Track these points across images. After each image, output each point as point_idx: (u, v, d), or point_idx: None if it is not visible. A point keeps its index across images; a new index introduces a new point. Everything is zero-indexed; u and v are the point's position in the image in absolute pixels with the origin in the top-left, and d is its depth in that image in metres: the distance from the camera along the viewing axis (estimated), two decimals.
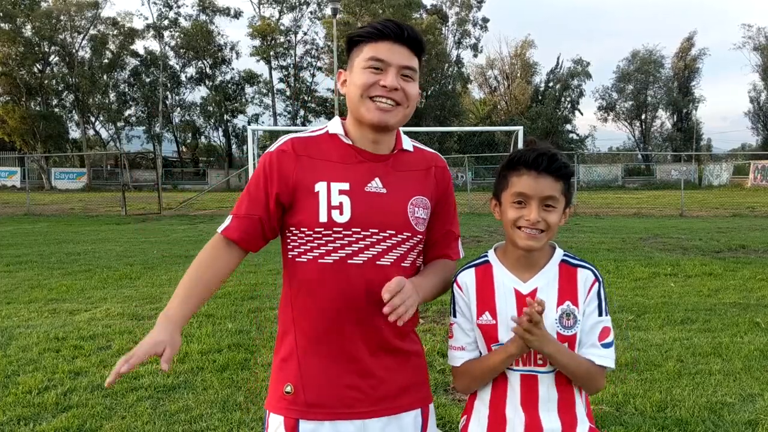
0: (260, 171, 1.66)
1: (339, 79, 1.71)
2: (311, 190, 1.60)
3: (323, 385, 1.63)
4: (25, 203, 23.29)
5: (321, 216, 1.59)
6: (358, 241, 1.61)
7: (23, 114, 47.72)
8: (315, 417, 1.62)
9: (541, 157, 1.62)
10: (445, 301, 7.20)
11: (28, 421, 3.74)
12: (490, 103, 60.46)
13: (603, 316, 1.67)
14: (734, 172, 44.87)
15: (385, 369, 1.67)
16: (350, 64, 1.67)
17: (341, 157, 1.65)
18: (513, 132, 24.06)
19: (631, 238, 12.77)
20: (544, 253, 1.71)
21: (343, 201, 1.60)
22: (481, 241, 12.87)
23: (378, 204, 1.63)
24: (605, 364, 1.65)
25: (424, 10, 53.07)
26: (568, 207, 1.69)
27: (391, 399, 1.67)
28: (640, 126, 62.63)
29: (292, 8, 54.50)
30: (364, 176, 1.64)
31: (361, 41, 1.64)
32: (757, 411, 3.78)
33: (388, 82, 1.59)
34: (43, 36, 49.01)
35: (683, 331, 5.52)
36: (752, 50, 57.64)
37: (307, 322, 1.64)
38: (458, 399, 4.03)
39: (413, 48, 1.64)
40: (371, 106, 1.60)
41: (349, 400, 1.63)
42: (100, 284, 8.06)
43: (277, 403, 1.66)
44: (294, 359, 1.65)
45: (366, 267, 1.61)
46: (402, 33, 1.61)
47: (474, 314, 1.72)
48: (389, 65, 1.60)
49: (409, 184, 1.70)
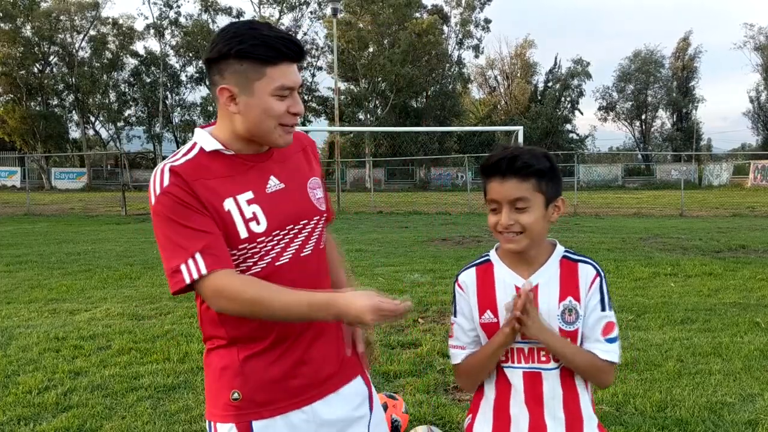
0: (173, 204, 1.52)
1: (222, 95, 1.57)
2: (221, 210, 1.55)
3: (270, 385, 1.63)
4: (25, 203, 23.31)
5: (241, 233, 1.57)
6: (280, 242, 1.62)
7: (23, 114, 47.77)
8: (267, 415, 1.62)
9: (501, 161, 1.61)
10: (445, 301, 7.22)
11: (28, 421, 3.74)
12: (489, 103, 60.48)
13: (606, 311, 1.66)
14: (734, 172, 44.88)
15: (324, 351, 1.70)
16: (244, 84, 1.54)
17: (230, 169, 1.60)
18: (513, 132, 24.08)
19: (631, 238, 12.76)
20: (544, 250, 1.70)
21: (255, 210, 1.59)
22: (481, 241, 12.87)
23: (283, 200, 1.64)
24: (609, 359, 1.64)
25: (425, 10, 53.08)
26: (552, 202, 1.66)
27: (332, 376, 1.72)
28: (640, 126, 62.67)
29: (292, 8, 54.55)
30: (261, 179, 1.63)
31: (255, 60, 1.53)
32: (757, 411, 3.78)
33: (298, 108, 1.60)
34: (43, 36, 49.03)
35: (683, 331, 5.52)
36: (753, 50, 57.73)
37: (246, 331, 1.61)
38: (458, 399, 4.03)
39: (301, 60, 1.63)
40: (282, 131, 1.60)
41: (296, 390, 1.65)
42: (100, 284, 8.06)
43: (223, 411, 1.63)
44: (235, 367, 1.62)
45: (293, 262, 1.64)
46: (300, 51, 1.59)
47: (476, 313, 1.72)
48: (293, 89, 1.59)
49: (299, 169, 1.73)
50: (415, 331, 5.59)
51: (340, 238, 13.60)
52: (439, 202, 26.98)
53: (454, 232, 14.81)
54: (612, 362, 1.65)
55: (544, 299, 1.66)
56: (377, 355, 1.82)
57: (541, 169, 1.61)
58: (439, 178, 49.15)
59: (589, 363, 1.64)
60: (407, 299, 1.54)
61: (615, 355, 1.66)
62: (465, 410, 3.79)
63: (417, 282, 7.95)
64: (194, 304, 1.74)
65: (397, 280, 8.07)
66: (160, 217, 1.54)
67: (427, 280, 8.07)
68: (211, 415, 1.67)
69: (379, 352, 4.86)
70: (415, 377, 4.38)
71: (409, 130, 40.32)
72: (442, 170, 49.96)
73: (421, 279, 8.18)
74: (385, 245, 12.04)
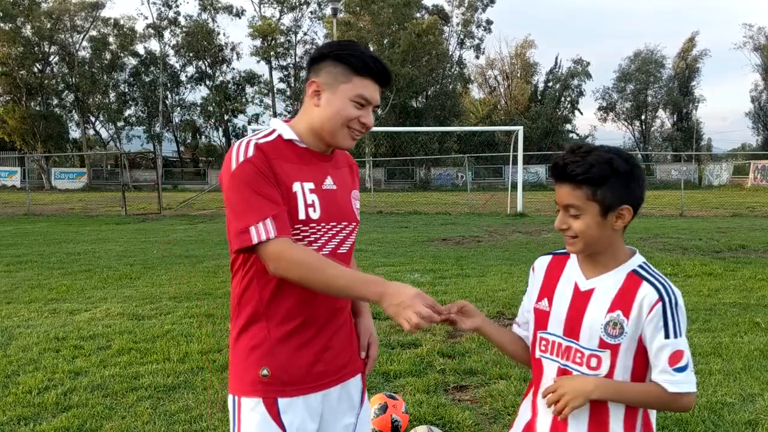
0: (255, 173, 1.68)
1: (310, 87, 1.78)
2: (290, 189, 1.73)
3: (297, 366, 1.76)
4: (25, 203, 23.30)
5: (300, 214, 1.73)
6: (326, 234, 1.80)
7: (23, 114, 47.74)
8: (291, 394, 1.75)
9: (556, 166, 1.62)
10: (445, 300, 7.23)
11: (28, 421, 3.74)
12: (489, 103, 60.45)
13: (671, 338, 1.55)
14: (734, 172, 44.88)
15: (341, 341, 1.87)
16: (332, 83, 1.75)
17: (301, 159, 1.79)
18: (513, 132, 24.09)
19: (631, 238, 12.76)
20: (617, 257, 1.66)
21: (314, 199, 1.76)
22: (481, 241, 12.87)
23: (334, 200, 1.82)
24: (680, 390, 1.55)
25: (425, 10, 53.05)
26: (613, 210, 1.59)
27: (344, 367, 1.88)
28: (640, 126, 62.64)
29: (293, 8, 54.54)
30: (321, 176, 1.81)
31: (348, 66, 1.73)
32: (757, 411, 3.78)
33: (368, 121, 1.78)
34: (43, 36, 49.02)
35: None
36: (752, 50, 57.68)
37: (282, 311, 1.75)
38: (458, 399, 4.03)
39: (386, 86, 1.81)
40: (347, 134, 1.78)
41: (317, 374, 1.80)
42: (100, 284, 8.06)
43: (252, 387, 1.75)
44: (266, 346, 1.75)
45: (331, 256, 1.78)
46: (387, 78, 1.79)
47: (535, 297, 1.78)
48: (370, 104, 1.77)
49: (347, 180, 1.92)
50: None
51: None
52: (439, 202, 26.99)
53: (454, 232, 14.81)
54: (682, 393, 1.56)
55: (595, 306, 1.63)
56: (373, 364, 2.04)
57: (595, 177, 1.56)
58: (439, 178, 49.15)
59: (655, 398, 1.58)
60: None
61: (685, 386, 1.56)
62: (465, 410, 3.80)
63: (417, 282, 7.96)
64: (194, 304, 1.76)
65: (397, 280, 8.05)
66: (238, 180, 1.67)
67: (427, 280, 8.07)
68: (237, 390, 1.77)
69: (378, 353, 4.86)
70: (415, 377, 4.38)
71: (409, 130, 40.28)
72: (442, 170, 49.96)
73: (421, 279, 8.19)
74: (385, 245, 12.05)
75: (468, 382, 4.31)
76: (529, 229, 15.19)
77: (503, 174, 44.12)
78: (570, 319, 1.66)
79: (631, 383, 1.61)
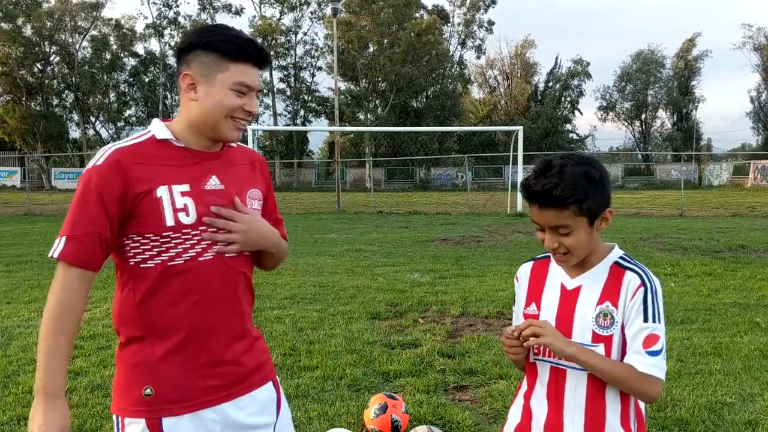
0: (91, 186, 1.59)
1: (184, 81, 1.66)
2: (153, 196, 1.61)
3: (184, 383, 1.65)
4: (25, 203, 23.30)
5: (167, 220, 1.62)
6: (206, 239, 1.67)
7: (23, 114, 47.73)
8: (177, 413, 1.64)
9: (535, 193, 1.60)
10: (445, 301, 7.22)
11: (28, 421, 3.73)
12: (490, 103, 60.47)
13: (649, 323, 1.60)
14: (734, 172, 44.87)
15: (240, 354, 1.75)
16: (207, 74, 1.64)
17: (175, 160, 1.67)
18: (513, 132, 24.09)
19: (631, 238, 12.76)
20: (598, 253, 1.70)
21: (186, 203, 1.63)
22: (481, 241, 12.87)
23: (218, 200, 1.68)
24: (648, 372, 1.58)
25: (425, 10, 53.07)
26: (598, 217, 1.63)
27: (245, 380, 1.75)
28: (640, 126, 62.65)
29: (293, 8, 54.56)
30: (201, 176, 1.68)
31: (221, 53, 1.63)
32: (757, 411, 3.78)
33: (253, 108, 1.69)
34: (43, 36, 49.01)
35: (683, 331, 5.52)
36: (752, 50, 57.67)
37: (164, 326, 1.64)
38: (458, 399, 4.03)
39: (264, 68, 1.74)
40: (231, 125, 1.67)
41: (210, 389, 1.68)
42: (100, 284, 8.05)
43: (134, 406, 1.64)
44: (149, 363, 1.65)
45: (216, 261, 1.67)
46: (265, 58, 1.70)
47: (522, 303, 1.79)
48: (252, 90, 1.68)
49: (242, 178, 1.78)
50: (415, 331, 5.59)
51: (340, 238, 13.64)
52: (439, 202, 26.98)
53: (454, 232, 14.81)
54: (652, 376, 1.59)
55: (584, 302, 1.66)
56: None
57: (581, 196, 1.58)
58: (439, 178, 49.15)
59: (624, 375, 1.59)
60: None
61: (656, 369, 1.59)
62: (465, 410, 3.80)
63: (417, 282, 7.96)
64: None
65: (397, 280, 8.07)
66: (79, 185, 1.63)
67: (427, 280, 8.07)
68: (120, 410, 1.66)
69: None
70: (415, 377, 4.38)
71: (409, 130, 40.29)
72: (442, 170, 49.96)
73: (421, 279, 8.19)
74: (385, 245, 12.05)
75: (468, 382, 4.31)
76: (529, 229, 15.18)
77: (503, 174, 44.09)
78: (560, 319, 1.68)
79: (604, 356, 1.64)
